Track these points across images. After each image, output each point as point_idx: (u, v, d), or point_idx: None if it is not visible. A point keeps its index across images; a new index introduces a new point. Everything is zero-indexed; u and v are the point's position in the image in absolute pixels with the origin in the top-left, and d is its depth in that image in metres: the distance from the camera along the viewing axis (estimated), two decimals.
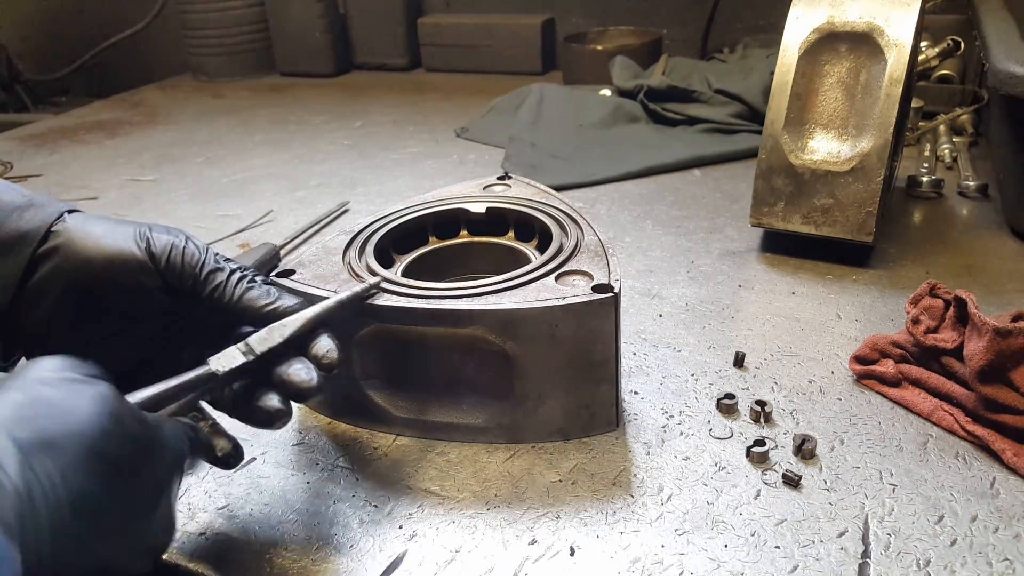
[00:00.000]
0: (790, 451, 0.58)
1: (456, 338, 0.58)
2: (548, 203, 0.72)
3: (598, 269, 0.60)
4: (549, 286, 0.59)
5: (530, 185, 0.77)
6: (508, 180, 0.79)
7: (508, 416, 0.60)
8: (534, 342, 0.57)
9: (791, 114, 0.84)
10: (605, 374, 0.59)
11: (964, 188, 1.03)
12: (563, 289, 0.58)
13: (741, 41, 1.67)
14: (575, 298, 0.56)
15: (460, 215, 0.73)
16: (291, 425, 0.65)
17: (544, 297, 0.57)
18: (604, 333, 0.57)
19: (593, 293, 0.56)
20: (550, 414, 0.60)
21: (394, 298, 0.58)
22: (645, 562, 0.50)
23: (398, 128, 1.51)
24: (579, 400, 0.59)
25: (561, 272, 0.61)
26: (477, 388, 0.60)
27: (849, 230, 0.83)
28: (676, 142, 1.27)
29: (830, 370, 0.68)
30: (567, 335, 0.57)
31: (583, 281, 0.59)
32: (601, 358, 0.58)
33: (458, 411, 0.61)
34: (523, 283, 0.59)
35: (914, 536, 0.50)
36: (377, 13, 1.94)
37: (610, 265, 0.60)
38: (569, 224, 0.68)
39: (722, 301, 0.80)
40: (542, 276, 0.60)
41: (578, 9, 1.88)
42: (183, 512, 0.56)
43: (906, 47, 0.79)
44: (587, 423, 0.60)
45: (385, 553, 0.52)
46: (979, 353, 0.56)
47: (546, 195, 0.74)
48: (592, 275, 0.60)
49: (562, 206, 0.71)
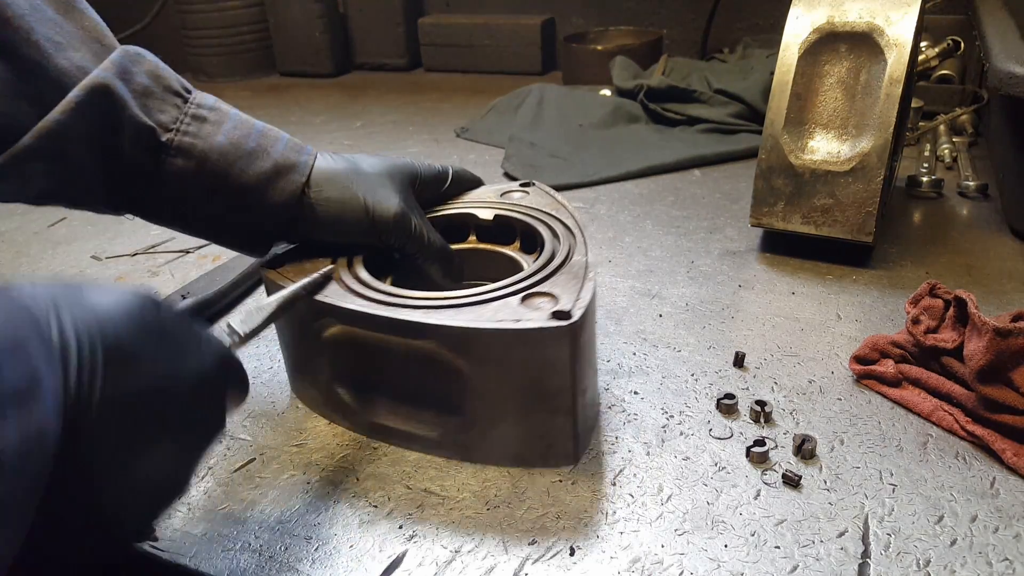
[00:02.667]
0: (790, 451, 0.58)
1: (413, 348, 0.56)
2: (558, 215, 0.70)
3: (569, 293, 0.56)
4: (512, 306, 0.55)
5: (548, 195, 0.75)
6: (528, 187, 0.76)
7: (461, 434, 0.58)
8: (485, 363, 0.54)
9: (791, 114, 0.84)
10: (561, 405, 0.55)
11: (964, 188, 1.03)
12: (522, 311, 0.54)
13: (741, 41, 1.67)
14: (529, 322, 0.52)
15: (469, 220, 0.72)
16: (291, 425, 0.65)
17: (499, 318, 0.53)
18: (559, 362, 0.53)
19: (549, 319, 0.52)
20: (503, 439, 0.57)
21: (355, 301, 0.57)
22: (645, 562, 0.50)
23: (398, 128, 1.51)
24: (533, 429, 0.56)
25: (531, 292, 0.57)
26: (434, 401, 0.59)
27: (849, 230, 0.83)
28: (676, 142, 1.27)
29: (830, 370, 0.68)
30: (519, 360, 0.53)
31: (550, 304, 0.55)
32: (556, 388, 0.54)
33: (416, 421, 0.60)
34: (485, 300, 0.56)
35: (914, 536, 0.50)
36: (377, 13, 1.95)
37: (582, 291, 0.56)
38: (568, 240, 0.65)
39: (722, 301, 0.80)
40: (509, 295, 0.57)
41: (578, 9, 1.88)
42: (183, 512, 0.56)
43: (906, 47, 0.79)
44: (543, 453, 0.57)
45: (385, 553, 0.52)
46: (979, 353, 0.56)
47: (559, 207, 0.72)
48: (560, 299, 0.55)
49: (569, 220, 0.68)
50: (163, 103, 0.55)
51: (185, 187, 0.57)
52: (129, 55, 0.54)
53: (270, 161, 0.58)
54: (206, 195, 0.57)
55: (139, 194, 0.57)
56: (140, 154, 0.55)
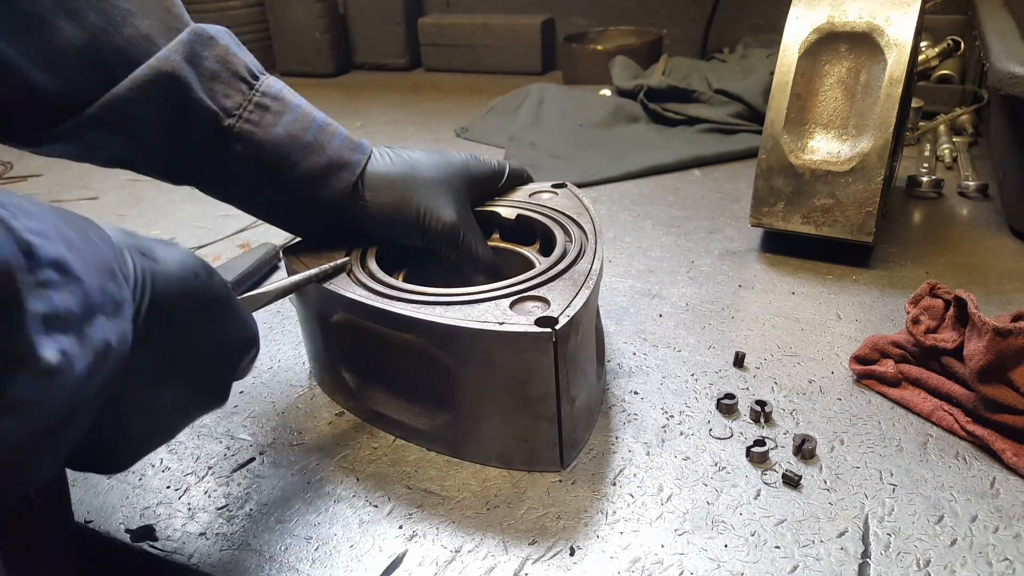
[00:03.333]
0: (790, 451, 0.58)
1: (405, 341, 0.56)
2: (579, 219, 0.69)
3: (562, 299, 0.55)
4: (502, 307, 0.55)
5: (575, 197, 0.74)
6: (560, 188, 0.75)
7: (449, 430, 0.59)
8: (468, 363, 0.54)
9: (791, 114, 0.84)
10: (545, 412, 0.55)
11: (964, 188, 1.03)
12: (510, 313, 0.54)
13: (741, 41, 1.67)
14: (510, 326, 0.52)
15: (494, 218, 0.72)
16: (291, 425, 0.65)
17: (484, 318, 0.53)
18: (542, 369, 0.53)
19: (532, 325, 0.52)
20: (489, 438, 0.57)
21: (355, 290, 0.58)
22: (645, 562, 0.50)
23: (398, 128, 1.51)
24: (517, 432, 0.56)
25: (524, 296, 0.56)
26: (425, 394, 0.59)
27: (849, 230, 0.83)
28: (676, 142, 1.27)
29: (830, 370, 0.68)
30: (502, 363, 0.53)
31: (540, 309, 0.54)
32: (539, 394, 0.54)
33: (409, 413, 0.61)
34: (477, 300, 0.56)
35: (914, 536, 0.50)
36: (377, 13, 1.94)
37: (576, 298, 0.55)
38: (580, 245, 0.64)
39: (722, 301, 0.80)
40: (503, 296, 0.56)
41: (578, 9, 1.88)
42: (183, 512, 0.56)
43: (906, 47, 0.79)
44: (527, 457, 0.57)
45: (385, 553, 0.52)
46: (979, 353, 0.56)
47: (583, 210, 0.70)
48: (552, 304, 0.55)
49: (589, 224, 0.67)
50: (229, 88, 0.56)
51: (243, 172, 0.58)
52: (202, 38, 0.56)
53: (325, 157, 0.60)
54: (262, 182, 0.59)
55: (200, 170, 0.59)
56: (203, 136, 0.56)
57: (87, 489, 0.59)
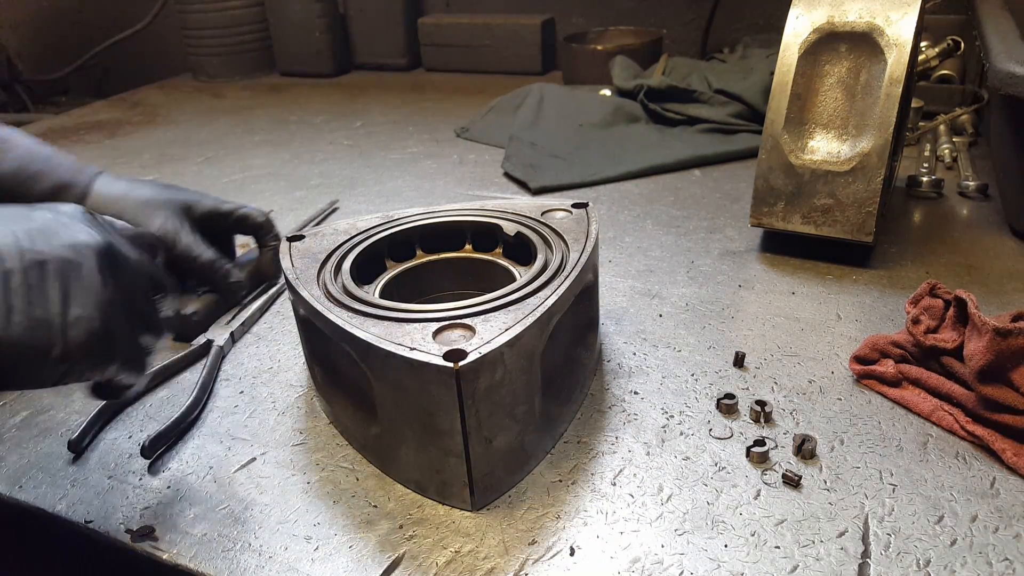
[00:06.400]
0: (790, 451, 0.58)
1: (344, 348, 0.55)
2: (576, 243, 0.64)
3: (490, 332, 0.51)
4: (427, 331, 0.52)
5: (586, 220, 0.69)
6: (580, 208, 0.71)
7: (377, 444, 0.58)
8: (385, 382, 0.53)
9: (791, 114, 0.84)
10: (452, 447, 0.52)
11: (964, 188, 1.03)
12: (427, 341, 0.51)
13: (741, 41, 1.67)
14: (418, 354, 0.49)
15: (496, 231, 0.70)
16: (291, 425, 0.65)
17: (400, 341, 0.51)
18: (445, 404, 0.50)
19: (437, 357, 0.49)
20: (407, 462, 0.56)
21: (312, 290, 0.59)
22: (645, 562, 0.50)
23: (398, 128, 1.51)
24: (429, 462, 0.54)
25: (453, 323, 0.53)
26: (363, 404, 0.58)
27: (849, 230, 0.83)
28: (676, 142, 1.27)
29: (830, 370, 0.68)
30: (411, 389, 0.51)
31: (462, 339, 0.51)
32: (445, 429, 0.51)
33: (353, 420, 0.61)
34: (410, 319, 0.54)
35: (914, 536, 0.50)
36: (377, 13, 1.94)
37: (502, 335, 0.51)
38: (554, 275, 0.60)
39: (722, 301, 0.80)
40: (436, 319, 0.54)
41: (578, 9, 1.88)
42: (183, 512, 0.56)
43: (906, 47, 0.79)
44: (440, 489, 0.55)
45: (385, 553, 0.52)
46: (979, 353, 0.56)
47: (583, 236, 0.66)
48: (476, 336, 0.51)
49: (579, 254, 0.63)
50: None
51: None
52: None
53: (53, 180, 0.68)
54: None
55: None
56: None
57: (87, 489, 0.59)
